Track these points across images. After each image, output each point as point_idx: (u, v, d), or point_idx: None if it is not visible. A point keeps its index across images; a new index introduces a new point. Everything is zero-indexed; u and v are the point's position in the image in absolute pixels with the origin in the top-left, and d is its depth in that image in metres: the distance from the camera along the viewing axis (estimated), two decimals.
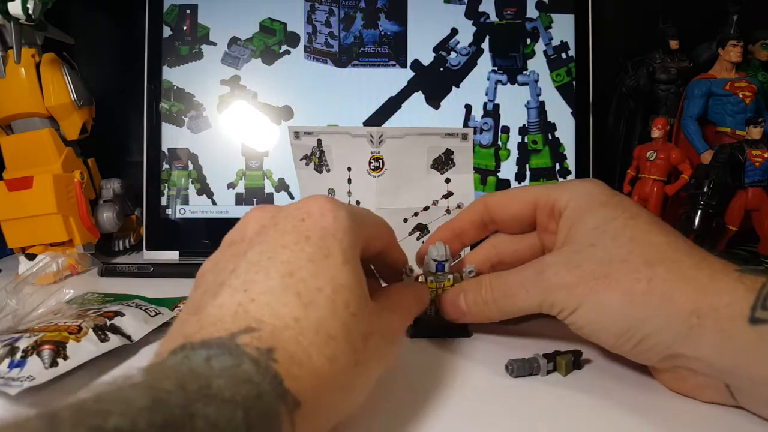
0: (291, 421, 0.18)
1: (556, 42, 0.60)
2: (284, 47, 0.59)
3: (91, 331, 0.31)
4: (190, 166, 0.58)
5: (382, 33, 0.59)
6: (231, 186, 0.58)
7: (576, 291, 0.26)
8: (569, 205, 0.29)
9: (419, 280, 0.33)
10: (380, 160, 0.42)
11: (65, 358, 0.28)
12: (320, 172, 0.43)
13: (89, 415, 0.13)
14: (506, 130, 0.60)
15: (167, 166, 0.58)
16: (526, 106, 0.60)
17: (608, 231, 0.27)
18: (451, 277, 0.33)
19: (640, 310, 0.24)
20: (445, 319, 0.33)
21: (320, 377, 0.19)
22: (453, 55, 0.60)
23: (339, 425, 0.22)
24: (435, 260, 0.32)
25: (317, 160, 0.43)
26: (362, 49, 0.59)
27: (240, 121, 0.59)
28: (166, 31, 0.59)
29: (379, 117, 0.59)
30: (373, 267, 0.32)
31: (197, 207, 0.58)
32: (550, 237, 0.31)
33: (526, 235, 0.34)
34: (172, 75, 0.59)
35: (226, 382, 0.16)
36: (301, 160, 0.44)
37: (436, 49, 0.60)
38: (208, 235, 0.58)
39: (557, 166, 0.60)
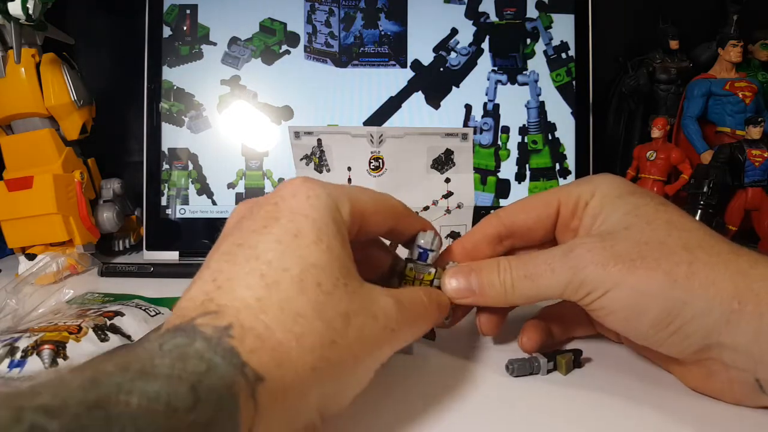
0: (252, 395, 0.17)
1: (556, 42, 0.60)
2: (284, 47, 0.59)
3: (91, 331, 0.31)
4: (190, 166, 0.58)
5: (382, 33, 0.59)
6: (231, 186, 0.58)
7: (611, 269, 0.24)
8: (595, 195, 0.28)
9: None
10: (380, 160, 0.42)
11: (65, 358, 0.29)
12: (320, 172, 0.44)
13: (17, 396, 0.13)
14: (506, 130, 0.60)
15: (167, 166, 0.58)
16: (526, 106, 0.60)
17: (642, 215, 0.26)
18: (433, 270, 0.30)
19: (682, 292, 0.23)
20: None
21: (285, 352, 0.19)
22: (453, 55, 0.60)
23: (332, 417, 0.22)
24: (420, 247, 0.30)
25: (317, 160, 0.43)
26: (362, 49, 0.59)
27: (240, 121, 0.59)
28: (166, 31, 0.59)
29: (379, 117, 0.59)
30: (391, 245, 0.30)
31: (197, 207, 0.58)
32: (571, 235, 0.29)
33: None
34: (172, 75, 0.59)
35: (170, 360, 0.16)
36: (301, 160, 0.44)
37: (436, 49, 0.59)
38: (208, 235, 0.58)
39: (557, 166, 0.60)
